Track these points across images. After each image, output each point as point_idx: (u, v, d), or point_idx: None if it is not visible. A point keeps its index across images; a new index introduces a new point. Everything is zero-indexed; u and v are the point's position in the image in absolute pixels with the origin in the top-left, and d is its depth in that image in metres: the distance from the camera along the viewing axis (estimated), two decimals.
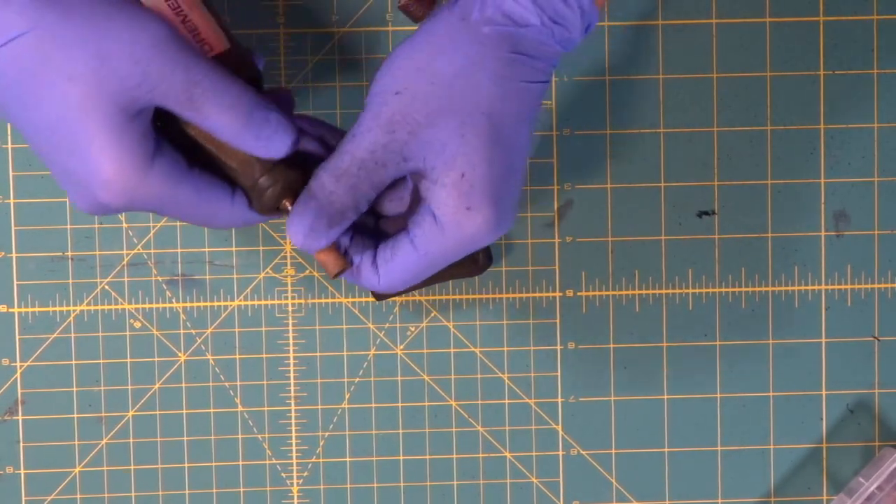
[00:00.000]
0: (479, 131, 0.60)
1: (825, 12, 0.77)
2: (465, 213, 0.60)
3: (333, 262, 0.62)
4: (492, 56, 0.60)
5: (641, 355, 0.78)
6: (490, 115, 0.60)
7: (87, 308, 0.77)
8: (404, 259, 0.62)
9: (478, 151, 0.60)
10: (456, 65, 0.60)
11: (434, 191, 0.61)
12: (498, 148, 0.61)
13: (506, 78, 0.61)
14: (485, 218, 0.60)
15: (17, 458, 0.77)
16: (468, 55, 0.60)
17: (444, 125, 0.60)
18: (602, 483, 0.78)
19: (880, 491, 0.76)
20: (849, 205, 0.78)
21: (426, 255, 0.62)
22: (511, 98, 0.61)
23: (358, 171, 0.61)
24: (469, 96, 0.60)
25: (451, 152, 0.60)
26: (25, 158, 0.76)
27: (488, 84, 0.60)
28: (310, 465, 0.78)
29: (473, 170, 0.60)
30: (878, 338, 0.78)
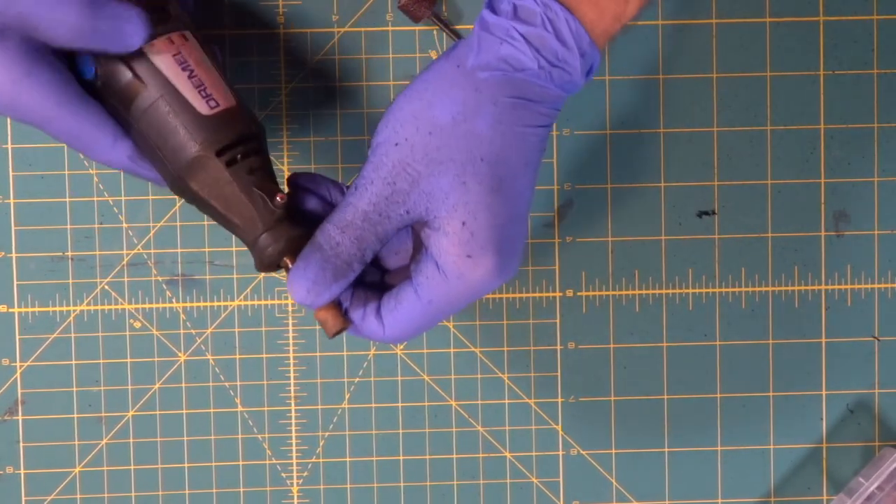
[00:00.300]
0: (480, 179, 0.60)
1: (825, 12, 0.77)
2: (467, 261, 0.60)
3: (333, 321, 0.62)
4: (490, 102, 0.60)
5: (641, 355, 0.78)
6: (490, 161, 0.60)
7: (87, 308, 0.77)
8: (409, 308, 0.61)
9: (479, 199, 0.60)
10: (453, 112, 0.60)
11: (436, 239, 0.60)
12: (499, 195, 0.60)
13: (505, 123, 0.60)
14: (486, 267, 0.60)
15: (17, 458, 0.77)
16: (465, 102, 0.60)
17: (445, 173, 0.60)
18: (602, 483, 0.78)
19: (880, 491, 0.76)
20: (849, 205, 0.78)
21: (430, 303, 0.61)
22: (511, 144, 0.60)
23: (362, 223, 0.60)
24: (468, 144, 0.60)
25: (452, 201, 0.60)
26: (25, 158, 0.76)
27: (487, 130, 0.60)
28: (310, 465, 0.78)
29: (475, 218, 0.60)
30: (878, 338, 0.78)
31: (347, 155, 0.77)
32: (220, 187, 0.62)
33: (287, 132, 0.77)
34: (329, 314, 0.62)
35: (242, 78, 0.76)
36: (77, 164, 0.76)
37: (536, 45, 0.60)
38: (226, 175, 0.62)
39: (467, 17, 0.76)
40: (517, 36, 0.60)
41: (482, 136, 0.60)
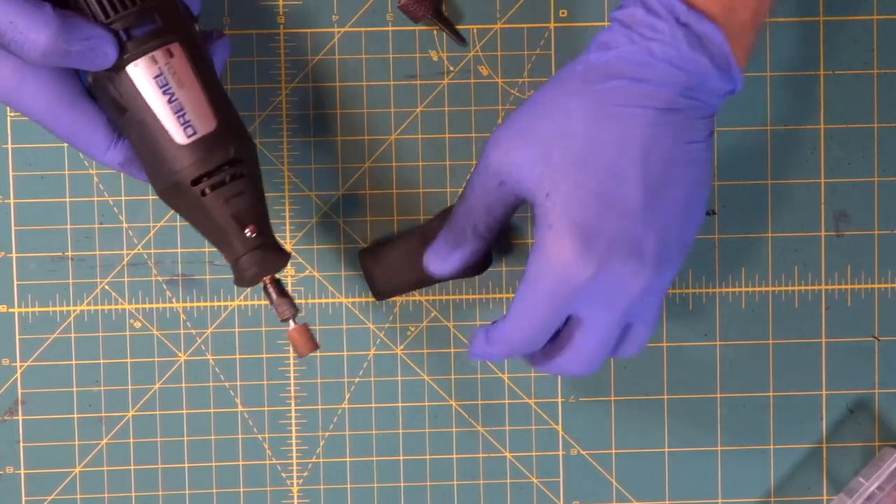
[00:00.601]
0: (566, 152, 0.62)
1: (825, 12, 0.77)
2: (548, 231, 0.62)
3: (303, 343, 0.67)
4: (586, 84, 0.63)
5: (641, 355, 0.78)
6: (582, 139, 0.62)
7: (87, 308, 0.77)
8: (512, 310, 0.65)
9: (562, 171, 0.62)
10: (576, 103, 0.63)
11: (535, 214, 0.63)
12: (591, 173, 0.61)
13: (598, 103, 0.62)
14: (565, 243, 0.61)
15: (18, 458, 0.77)
16: (584, 95, 0.62)
17: (533, 145, 0.63)
18: (602, 483, 0.78)
19: (880, 491, 0.76)
20: (849, 205, 0.78)
21: (526, 281, 0.63)
22: (606, 128, 0.62)
23: (471, 194, 0.66)
24: (556, 120, 0.63)
25: (538, 172, 0.62)
26: (25, 158, 0.76)
27: (576, 107, 0.62)
28: (310, 465, 0.78)
29: (556, 189, 0.62)
30: (878, 338, 0.78)
31: (347, 155, 0.77)
32: (196, 213, 0.64)
33: (287, 132, 0.77)
34: (299, 335, 0.66)
35: (242, 78, 0.76)
36: (77, 164, 0.76)
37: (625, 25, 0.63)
38: (201, 203, 0.63)
39: (467, 17, 0.76)
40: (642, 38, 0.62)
41: (570, 111, 0.62)
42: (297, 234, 0.77)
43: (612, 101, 0.62)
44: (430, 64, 0.77)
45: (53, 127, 0.64)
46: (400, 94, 0.77)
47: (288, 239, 0.77)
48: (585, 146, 0.62)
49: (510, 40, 0.77)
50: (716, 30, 0.61)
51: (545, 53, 0.77)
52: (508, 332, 0.65)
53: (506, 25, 0.77)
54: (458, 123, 0.77)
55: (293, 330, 0.67)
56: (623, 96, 0.62)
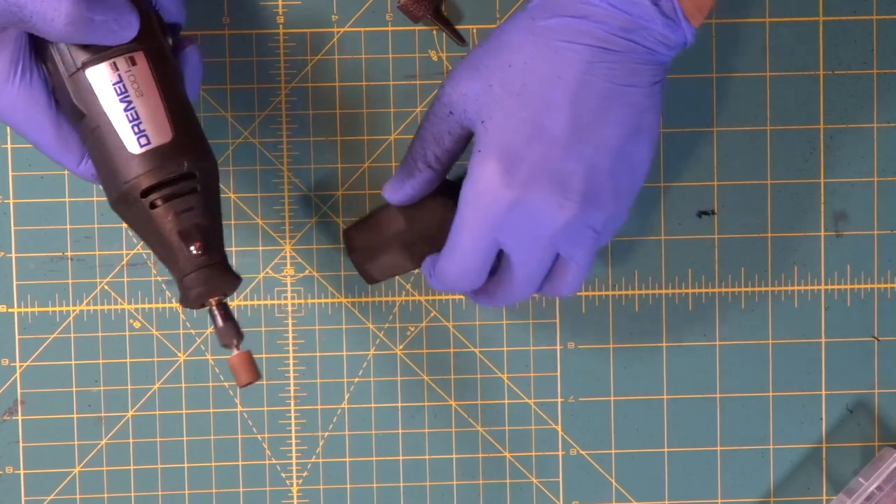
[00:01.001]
0: (505, 84, 0.64)
1: (825, 12, 0.77)
2: (476, 155, 0.65)
3: (247, 372, 0.65)
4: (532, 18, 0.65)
5: (641, 355, 0.78)
6: (520, 72, 0.64)
7: (86, 308, 0.77)
8: (451, 230, 0.68)
9: (499, 101, 0.64)
10: (511, 37, 0.65)
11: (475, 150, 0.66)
12: (524, 104, 0.64)
13: (550, 48, 0.64)
14: (492, 167, 0.64)
15: (17, 458, 0.77)
16: (515, 30, 0.65)
17: (478, 79, 0.65)
18: (602, 483, 0.78)
19: (880, 491, 0.76)
20: (848, 205, 0.78)
21: (458, 211, 0.67)
22: (547, 60, 0.64)
23: (424, 124, 0.69)
24: (500, 52, 0.65)
25: (481, 102, 0.65)
26: (25, 158, 0.76)
27: (519, 40, 0.65)
28: (309, 465, 0.78)
29: (490, 117, 0.64)
30: (878, 338, 0.78)
31: (347, 155, 0.77)
32: (145, 226, 0.63)
33: (287, 132, 0.77)
34: (241, 364, 0.65)
35: (242, 78, 0.76)
36: None
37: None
38: (149, 215, 0.62)
39: (467, 17, 0.76)
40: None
41: (513, 45, 0.65)
42: (297, 234, 0.77)
43: (552, 37, 0.64)
44: (429, 64, 0.77)
45: (29, 138, 0.64)
46: (399, 94, 0.76)
47: (287, 239, 0.77)
48: (522, 77, 0.64)
49: None
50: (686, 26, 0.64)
51: None
52: (445, 263, 0.68)
53: None
54: None
55: (234, 357, 0.65)
56: (563, 33, 0.64)
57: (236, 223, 0.77)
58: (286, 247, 0.77)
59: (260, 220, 0.77)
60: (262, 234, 0.77)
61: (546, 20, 0.64)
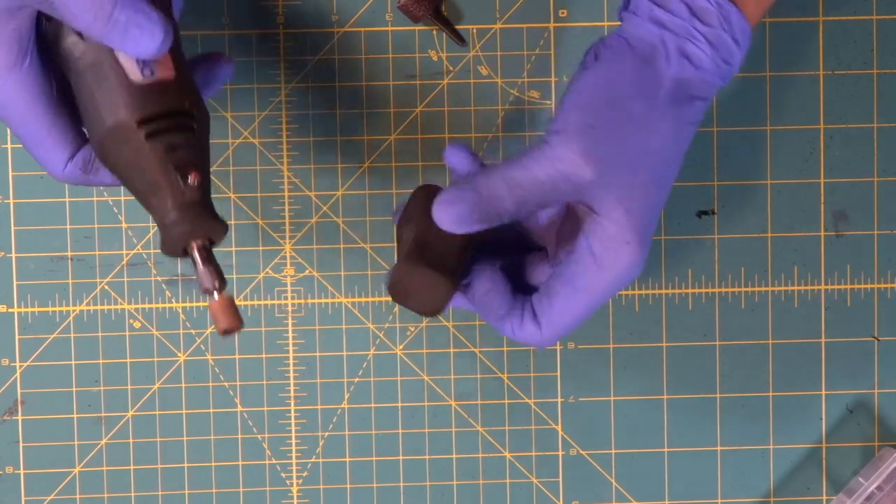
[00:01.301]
0: (649, 171, 0.62)
1: (825, 12, 0.77)
2: (624, 247, 0.62)
3: (228, 318, 0.60)
4: (674, 101, 0.62)
5: (641, 355, 0.78)
6: (660, 156, 0.62)
7: (86, 308, 0.77)
8: (565, 302, 0.63)
9: (644, 191, 0.62)
10: (645, 109, 0.62)
11: (598, 223, 0.62)
12: (657, 188, 0.62)
13: (679, 121, 0.63)
14: (637, 254, 0.62)
15: (17, 458, 0.77)
16: (655, 101, 0.62)
17: (625, 166, 0.62)
18: (601, 483, 0.78)
19: (879, 491, 0.76)
20: (848, 205, 0.78)
21: (586, 291, 0.62)
22: (679, 140, 0.63)
23: (531, 187, 0.61)
24: (651, 141, 0.62)
25: (623, 191, 0.61)
26: (25, 158, 0.76)
27: (668, 129, 0.62)
28: (309, 465, 0.78)
29: (637, 207, 0.62)
30: (878, 338, 0.78)
31: (347, 155, 0.77)
32: (136, 158, 0.60)
33: (287, 132, 0.77)
34: (222, 309, 0.60)
35: (242, 78, 0.76)
36: None
37: (716, 44, 0.63)
38: (144, 146, 0.60)
39: (467, 17, 0.76)
40: (699, 36, 0.62)
41: (662, 134, 0.62)
42: (297, 234, 0.77)
43: (687, 119, 0.63)
44: (429, 64, 0.77)
45: (22, 130, 0.63)
46: (399, 95, 0.77)
47: (287, 239, 0.77)
48: (662, 163, 0.63)
49: (510, 40, 0.77)
50: (742, 17, 0.64)
51: (545, 53, 0.77)
52: (560, 324, 0.64)
53: (505, 25, 0.77)
54: (458, 123, 0.77)
55: (215, 303, 0.60)
56: (691, 114, 0.63)
57: (236, 223, 0.77)
58: (286, 247, 0.77)
59: (260, 220, 0.77)
60: (262, 234, 0.77)
61: (687, 105, 0.63)
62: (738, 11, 0.63)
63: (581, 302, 0.63)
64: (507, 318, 0.64)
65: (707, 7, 0.63)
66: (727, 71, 0.64)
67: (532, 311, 0.64)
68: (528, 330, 0.64)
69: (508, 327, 0.64)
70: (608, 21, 0.77)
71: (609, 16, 0.76)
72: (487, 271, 0.64)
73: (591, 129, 0.61)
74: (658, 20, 0.63)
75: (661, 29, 0.63)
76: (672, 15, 0.63)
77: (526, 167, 0.62)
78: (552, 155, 0.61)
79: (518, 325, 0.64)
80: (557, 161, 0.61)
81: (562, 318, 0.63)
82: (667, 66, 0.63)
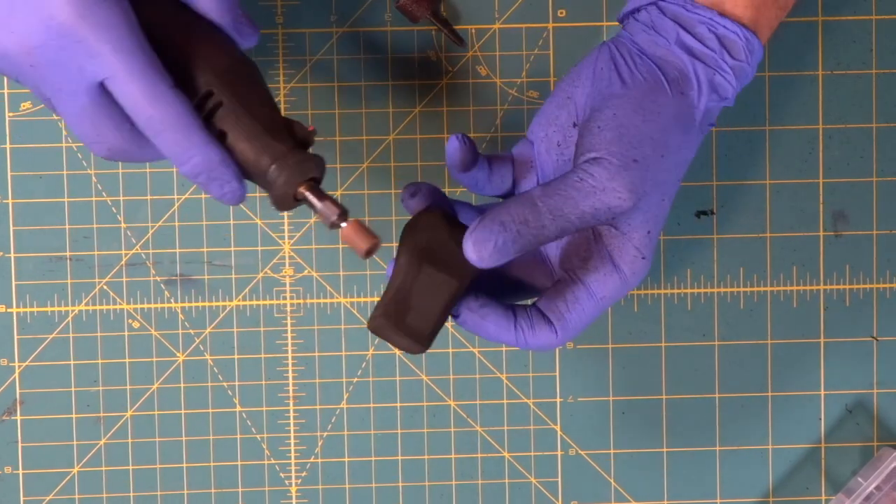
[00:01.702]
0: (671, 196, 0.64)
1: (824, 12, 0.77)
2: (641, 262, 0.64)
3: (365, 239, 0.60)
4: (699, 130, 0.65)
5: (640, 355, 0.78)
6: (680, 181, 0.65)
7: (85, 308, 0.77)
8: (583, 307, 0.64)
9: (663, 212, 0.64)
10: (679, 142, 0.63)
11: (620, 241, 0.64)
12: (669, 206, 0.65)
13: (698, 145, 0.65)
14: (649, 265, 0.65)
15: (16, 458, 0.77)
16: (690, 131, 0.64)
17: (657, 192, 0.63)
18: (601, 483, 0.78)
19: (878, 491, 0.76)
20: (847, 205, 0.78)
21: (602, 299, 0.64)
22: (690, 160, 0.65)
23: (576, 219, 0.62)
24: (680, 168, 0.64)
25: (650, 214, 0.64)
26: (25, 158, 0.76)
27: (691, 155, 0.65)
28: (308, 465, 0.78)
29: (656, 227, 0.64)
30: (877, 338, 0.78)
31: (346, 155, 0.77)
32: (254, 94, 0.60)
33: None
34: (355, 233, 0.60)
35: None
36: (75, 164, 0.76)
37: (739, 76, 0.65)
38: (265, 86, 0.61)
39: (465, 17, 0.76)
40: (727, 69, 0.64)
41: (688, 160, 0.65)
42: (296, 234, 0.77)
43: (700, 143, 0.65)
44: (428, 64, 0.77)
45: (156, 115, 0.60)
46: (398, 94, 0.76)
47: (287, 239, 0.77)
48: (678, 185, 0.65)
49: (508, 40, 0.77)
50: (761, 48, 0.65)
51: (543, 53, 0.77)
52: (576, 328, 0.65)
53: (504, 25, 0.77)
54: (457, 123, 0.77)
55: (347, 230, 0.60)
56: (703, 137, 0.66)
57: (235, 223, 0.77)
58: (285, 247, 0.77)
59: (259, 219, 0.77)
60: (262, 234, 0.77)
61: (708, 127, 0.65)
62: (759, 43, 0.64)
63: (598, 307, 0.65)
64: (514, 327, 0.64)
65: (736, 40, 0.64)
66: (735, 96, 0.66)
67: (541, 315, 0.64)
68: (544, 334, 0.64)
69: (519, 335, 0.64)
70: (607, 21, 0.77)
71: (608, 16, 0.76)
72: (471, 291, 0.64)
73: (635, 163, 0.62)
74: (687, 48, 0.64)
75: (692, 58, 0.64)
76: (702, 44, 0.64)
77: (572, 198, 0.62)
78: (598, 187, 0.62)
79: (530, 332, 0.64)
80: (601, 193, 0.62)
81: (580, 322, 0.65)
82: (698, 97, 0.64)
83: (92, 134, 0.59)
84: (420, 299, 0.63)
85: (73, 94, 0.58)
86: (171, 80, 0.58)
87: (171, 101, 0.58)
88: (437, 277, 0.63)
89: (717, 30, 0.64)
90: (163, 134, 0.58)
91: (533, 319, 0.64)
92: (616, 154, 0.62)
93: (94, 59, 0.57)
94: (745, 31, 0.64)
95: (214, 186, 0.60)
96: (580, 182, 0.62)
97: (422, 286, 0.63)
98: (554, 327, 0.64)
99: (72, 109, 0.59)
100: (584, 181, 0.62)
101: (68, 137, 0.76)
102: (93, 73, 0.57)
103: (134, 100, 0.58)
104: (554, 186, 0.62)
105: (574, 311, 0.64)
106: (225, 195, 0.61)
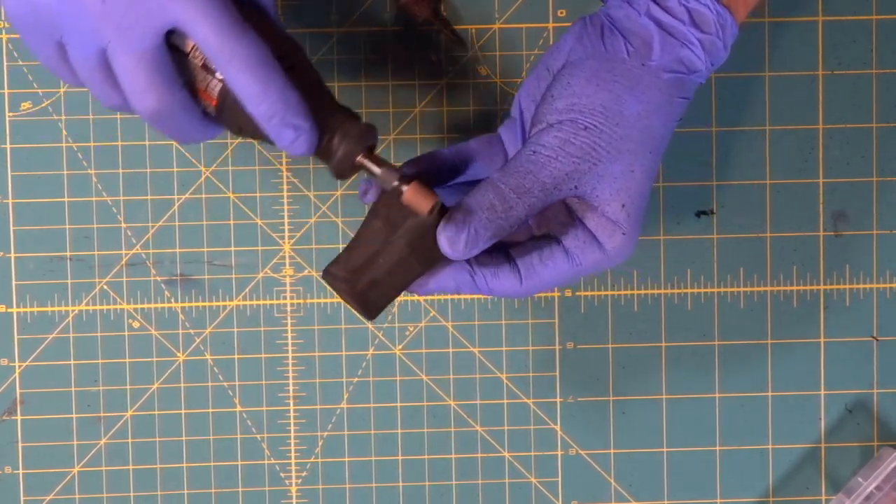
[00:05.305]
0: (644, 168, 0.64)
1: (824, 12, 0.77)
2: (622, 237, 0.64)
3: (426, 199, 0.61)
4: (667, 101, 0.64)
5: (640, 355, 0.78)
6: (655, 153, 0.64)
7: (85, 308, 0.77)
8: (557, 268, 0.65)
9: (640, 186, 0.64)
10: (639, 109, 0.64)
11: (595, 216, 0.64)
12: (651, 181, 0.65)
13: (670, 119, 0.65)
14: (631, 244, 0.64)
15: (16, 458, 0.77)
16: (650, 101, 0.64)
17: (620, 161, 0.63)
18: (601, 483, 0.78)
19: (879, 491, 0.76)
20: (847, 205, 0.78)
21: (579, 266, 0.65)
22: (665, 135, 0.65)
23: (539, 192, 0.63)
24: (644, 137, 0.64)
25: (619, 185, 0.64)
26: (25, 158, 0.76)
27: (660, 127, 0.64)
28: (308, 465, 0.78)
29: (632, 202, 0.64)
30: (877, 338, 0.78)
31: None
32: (309, 74, 0.61)
33: None
34: (416, 194, 0.61)
35: None
36: (75, 164, 0.76)
37: (708, 49, 0.65)
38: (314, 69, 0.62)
39: (466, 17, 0.76)
40: (695, 42, 0.64)
41: (655, 131, 0.64)
42: (296, 234, 0.77)
43: (676, 117, 0.65)
44: (428, 64, 0.77)
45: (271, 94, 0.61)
46: (398, 95, 0.76)
47: (287, 239, 0.77)
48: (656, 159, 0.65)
49: (508, 40, 0.77)
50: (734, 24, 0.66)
51: (544, 53, 0.77)
52: (543, 283, 0.66)
53: (504, 26, 0.77)
54: (457, 124, 0.77)
55: (408, 193, 0.61)
56: (680, 111, 0.66)
57: (235, 223, 0.77)
58: (285, 247, 0.77)
59: (259, 219, 0.77)
60: (262, 234, 0.77)
61: (679, 99, 0.65)
62: (732, 18, 0.65)
63: (573, 271, 0.65)
64: (478, 270, 0.65)
65: (706, 13, 0.64)
66: (711, 71, 0.66)
67: (507, 260, 0.65)
68: (506, 280, 0.65)
69: (480, 279, 0.65)
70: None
71: None
72: None
73: (585, 130, 0.63)
74: (656, 19, 0.64)
75: (660, 29, 0.64)
76: (671, 16, 0.64)
77: (530, 172, 0.63)
78: (551, 156, 0.63)
79: (492, 276, 0.65)
80: (556, 161, 0.63)
81: (550, 278, 0.65)
82: (662, 68, 0.64)
83: (144, 82, 0.59)
84: (382, 272, 0.63)
85: (141, 36, 0.58)
86: None
87: (254, 41, 0.58)
88: (406, 258, 0.63)
89: (688, 3, 0.64)
90: (246, 71, 0.58)
91: (499, 266, 0.65)
92: (567, 122, 0.63)
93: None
94: (718, 5, 0.64)
95: (287, 133, 0.60)
96: (534, 155, 0.63)
97: (388, 260, 0.63)
98: (520, 275, 0.65)
99: (132, 53, 0.58)
100: (538, 153, 0.63)
101: (68, 137, 0.76)
102: (173, 12, 0.57)
103: (218, 36, 0.58)
104: (511, 165, 0.63)
105: (546, 268, 0.65)
106: (296, 141, 0.60)
